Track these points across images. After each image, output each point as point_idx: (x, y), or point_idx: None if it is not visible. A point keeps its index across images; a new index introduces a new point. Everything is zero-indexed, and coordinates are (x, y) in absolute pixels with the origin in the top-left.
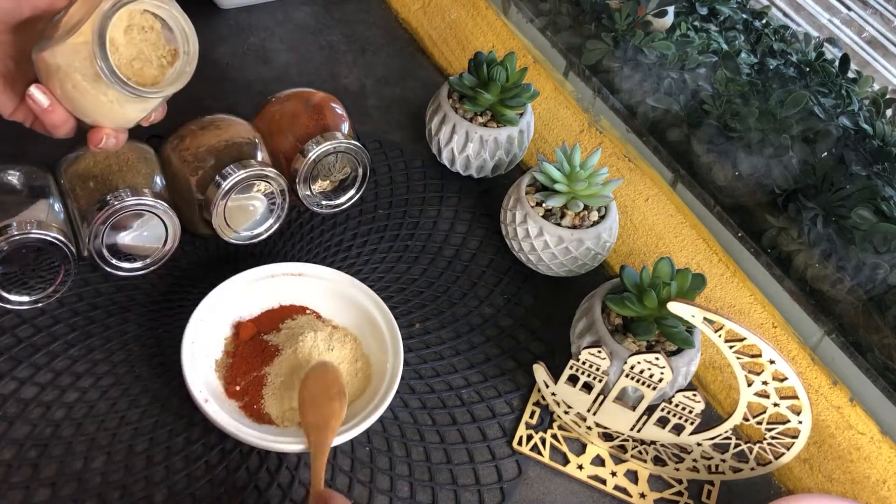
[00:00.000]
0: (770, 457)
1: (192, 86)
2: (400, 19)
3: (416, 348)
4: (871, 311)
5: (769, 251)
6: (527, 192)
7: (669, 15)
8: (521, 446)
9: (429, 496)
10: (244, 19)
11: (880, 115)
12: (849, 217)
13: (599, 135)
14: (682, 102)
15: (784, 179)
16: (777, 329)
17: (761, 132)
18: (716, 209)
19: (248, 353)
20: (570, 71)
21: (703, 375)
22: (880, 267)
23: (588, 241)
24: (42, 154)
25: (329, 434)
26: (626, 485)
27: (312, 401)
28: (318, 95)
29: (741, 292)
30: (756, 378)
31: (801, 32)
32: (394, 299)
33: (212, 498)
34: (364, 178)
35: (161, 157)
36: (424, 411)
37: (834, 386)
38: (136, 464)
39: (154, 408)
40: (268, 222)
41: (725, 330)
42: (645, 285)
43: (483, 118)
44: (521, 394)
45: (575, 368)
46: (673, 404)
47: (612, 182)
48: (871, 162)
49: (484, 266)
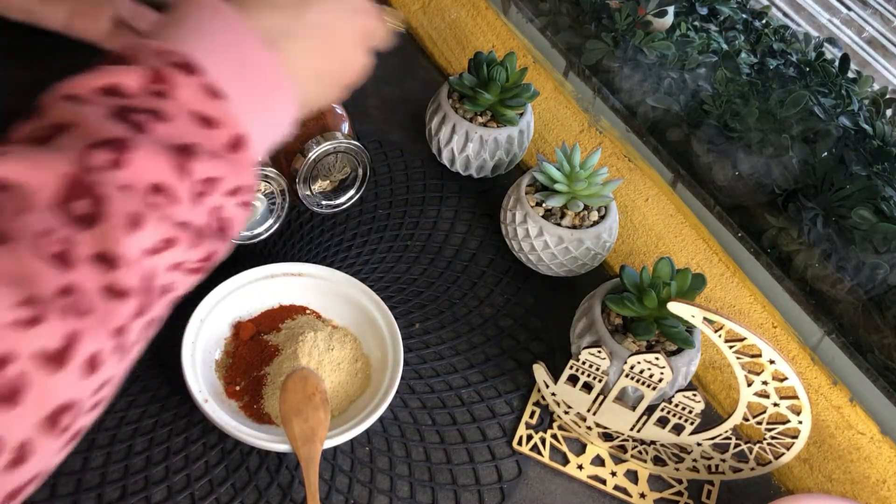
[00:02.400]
0: (770, 457)
1: None
2: None
3: (416, 348)
4: (871, 311)
5: (769, 251)
6: (527, 192)
7: (669, 15)
8: (521, 446)
9: (429, 496)
10: None
11: (880, 115)
12: (849, 217)
13: (599, 135)
14: (682, 102)
15: (784, 179)
16: (777, 329)
17: (761, 132)
18: (716, 209)
19: (247, 353)
20: (570, 71)
21: (703, 375)
22: (880, 267)
23: (588, 241)
24: None
25: (318, 445)
26: (626, 485)
27: (297, 411)
28: None
29: (741, 292)
30: (756, 378)
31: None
32: (394, 299)
33: (211, 498)
34: (364, 178)
35: None
36: (424, 411)
37: (834, 386)
38: (135, 463)
39: (153, 407)
40: (268, 222)
41: (725, 330)
42: (645, 285)
43: (483, 118)
44: (521, 394)
45: (575, 368)
46: (673, 404)
47: (612, 182)
48: (871, 162)
49: (484, 266)
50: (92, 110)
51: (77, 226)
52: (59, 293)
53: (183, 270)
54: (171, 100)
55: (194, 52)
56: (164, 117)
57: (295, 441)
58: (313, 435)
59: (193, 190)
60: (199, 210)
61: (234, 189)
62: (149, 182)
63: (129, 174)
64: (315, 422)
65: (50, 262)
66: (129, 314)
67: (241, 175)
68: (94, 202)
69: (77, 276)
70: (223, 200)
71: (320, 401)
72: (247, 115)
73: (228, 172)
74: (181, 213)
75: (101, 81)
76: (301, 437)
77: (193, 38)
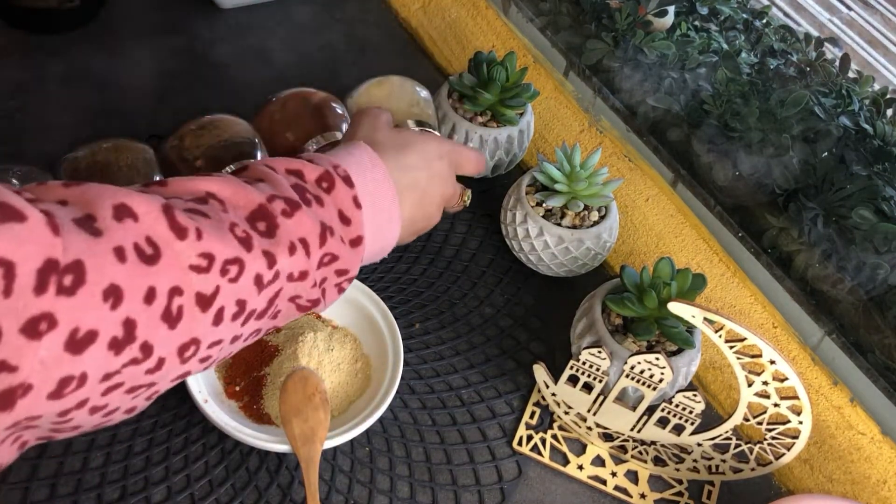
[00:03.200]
0: (770, 457)
1: (192, 86)
2: (400, 19)
3: (416, 348)
4: (871, 312)
5: (769, 251)
6: (527, 192)
7: (670, 15)
8: (522, 446)
9: (429, 497)
10: (244, 19)
11: (881, 114)
12: (849, 217)
13: (599, 135)
14: (683, 102)
15: (784, 179)
16: (777, 329)
17: (762, 132)
18: (716, 209)
19: (247, 353)
20: (570, 71)
21: (704, 375)
22: (881, 267)
23: (588, 241)
24: (42, 154)
25: (318, 445)
26: (627, 485)
27: (297, 411)
28: (318, 95)
29: (741, 292)
30: (756, 378)
31: (801, 32)
32: (394, 299)
33: (211, 498)
34: None
35: (161, 157)
36: (424, 411)
37: (834, 386)
38: (135, 464)
39: (153, 407)
40: None
41: (726, 330)
42: (645, 285)
43: (483, 118)
44: (521, 394)
45: (575, 369)
46: (673, 404)
47: (612, 182)
48: (872, 162)
49: (484, 266)
50: (281, 178)
51: (256, 231)
52: (235, 259)
53: (294, 302)
54: (330, 195)
55: (352, 172)
56: (322, 203)
57: (295, 441)
58: (313, 435)
59: (322, 255)
60: (318, 271)
61: (342, 270)
62: (301, 234)
63: (292, 222)
64: (315, 422)
65: (237, 240)
66: (259, 304)
67: (352, 263)
68: (269, 225)
69: (249, 259)
70: (331, 274)
71: (320, 401)
72: (368, 227)
73: (345, 256)
74: (311, 264)
75: (290, 165)
76: (301, 438)
77: (354, 165)
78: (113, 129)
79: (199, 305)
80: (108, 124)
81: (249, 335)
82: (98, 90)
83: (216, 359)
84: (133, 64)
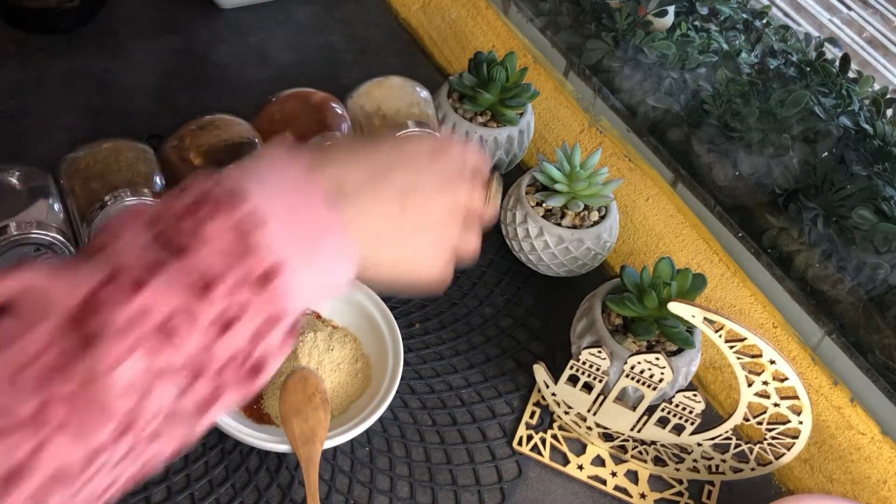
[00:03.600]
0: (770, 457)
1: (192, 86)
2: (400, 19)
3: (416, 348)
4: (871, 312)
5: (769, 251)
6: (527, 192)
7: (670, 15)
8: (522, 446)
9: (429, 497)
10: (244, 19)
11: (881, 114)
12: (849, 217)
13: (599, 135)
14: (683, 102)
15: (784, 179)
16: (777, 329)
17: (762, 132)
18: (716, 209)
19: None
20: (570, 71)
21: (704, 375)
22: (881, 267)
23: (588, 241)
24: (42, 154)
25: (318, 445)
26: (627, 485)
27: (297, 411)
28: (318, 95)
29: (741, 292)
30: (756, 378)
31: (801, 32)
32: (394, 299)
33: (211, 498)
34: None
35: (161, 156)
36: (424, 411)
37: (834, 386)
38: None
39: None
40: None
41: (726, 330)
42: (645, 285)
43: (483, 118)
44: (522, 394)
45: (575, 368)
46: (673, 404)
47: (612, 182)
48: (872, 162)
49: (484, 266)
50: (131, 239)
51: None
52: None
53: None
54: (213, 222)
55: (245, 181)
56: (200, 242)
57: (295, 441)
58: (313, 435)
59: (210, 320)
60: (212, 351)
61: (265, 321)
62: (158, 323)
63: (138, 304)
64: (315, 422)
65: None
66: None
67: (275, 305)
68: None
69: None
70: (244, 334)
71: (320, 401)
72: (289, 247)
73: (256, 303)
74: (183, 361)
75: (156, 208)
76: (301, 438)
77: (249, 170)
78: (113, 129)
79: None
80: (108, 124)
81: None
82: (98, 90)
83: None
84: (133, 64)
